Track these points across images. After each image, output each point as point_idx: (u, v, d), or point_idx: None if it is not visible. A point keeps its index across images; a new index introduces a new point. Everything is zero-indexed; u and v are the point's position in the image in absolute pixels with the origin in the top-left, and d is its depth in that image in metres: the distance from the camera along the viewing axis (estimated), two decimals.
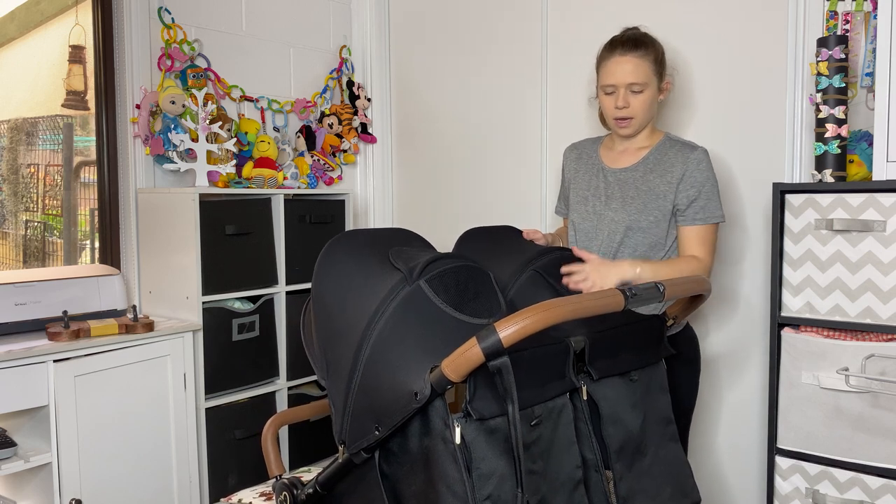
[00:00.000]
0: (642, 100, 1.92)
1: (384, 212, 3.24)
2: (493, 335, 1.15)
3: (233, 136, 2.65)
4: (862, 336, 1.70)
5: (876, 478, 1.67)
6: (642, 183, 1.95)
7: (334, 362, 1.36)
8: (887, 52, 1.72)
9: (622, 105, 1.92)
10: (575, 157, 2.15)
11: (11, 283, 2.13)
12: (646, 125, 1.99)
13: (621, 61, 1.91)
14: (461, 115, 2.97)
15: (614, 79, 1.92)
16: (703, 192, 1.89)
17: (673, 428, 1.69)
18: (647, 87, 1.92)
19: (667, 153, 1.95)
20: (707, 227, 1.90)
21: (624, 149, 2.03)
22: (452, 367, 1.18)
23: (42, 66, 2.61)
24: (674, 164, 1.93)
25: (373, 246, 1.48)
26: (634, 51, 1.92)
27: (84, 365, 2.07)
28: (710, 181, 1.91)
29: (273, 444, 1.82)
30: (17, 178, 2.60)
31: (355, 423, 1.31)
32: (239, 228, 2.50)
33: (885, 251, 1.65)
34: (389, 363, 1.27)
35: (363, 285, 1.37)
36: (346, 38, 3.22)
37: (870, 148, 1.89)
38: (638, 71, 1.90)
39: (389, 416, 1.25)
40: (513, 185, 2.81)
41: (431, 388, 1.20)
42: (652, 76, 1.93)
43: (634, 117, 1.94)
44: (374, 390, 1.28)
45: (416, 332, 1.29)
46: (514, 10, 2.77)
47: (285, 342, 2.67)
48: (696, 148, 1.93)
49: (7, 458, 1.92)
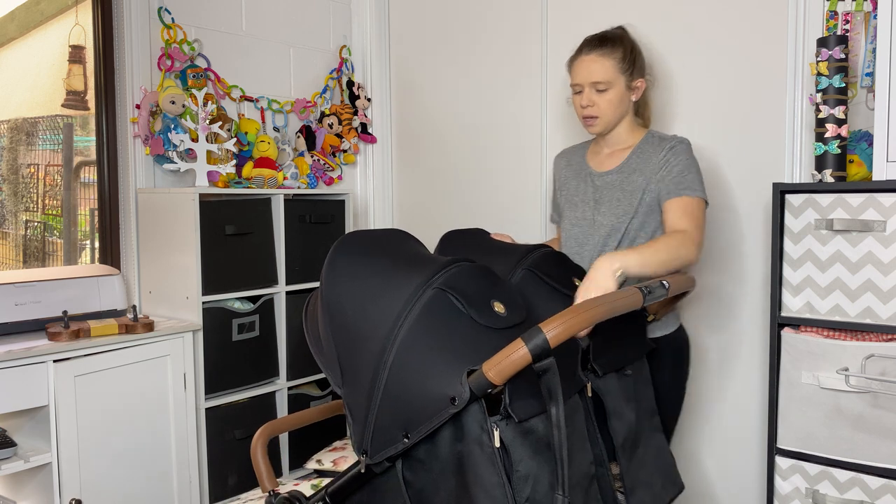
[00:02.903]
0: (608, 98, 1.91)
1: (384, 212, 3.24)
2: (539, 335, 1.15)
3: (233, 136, 2.65)
4: (862, 336, 1.70)
5: (876, 478, 1.67)
6: (627, 184, 1.94)
7: (351, 370, 1.32)
8: (887, 52, 1.72)
9: (586, 104, 1.93)
10: (564, 164, 2.15)
11: (11, 283, 2.13)
12: (615, 124, 1.97)
13: (585, 60, 1.93)
14: (461, 114, 2.97)
15: (579, 77, 1.94)
16: (681, 170, 1.87)
17: (657, 419, 1.74)
18: (611, 86, 1.91)
19: (647, 150, 1.95)
20: (690, 200, 1.84)
21: (610, 151, 2.03)
22: (497, 370, 1.17)
23: (42, 66, 2.61)
24: (651, 157, 1.92)
25: (382, 248, 1.46)
26: (599, 49, 1.91)
27: (84, 365, 2.07)
28: (690, 163, 1.88)
29: (264, 456, 1.72)
30: (17, 178, 2.60)
31: (380, 433, 1.28)
32: (239, 228, 2.50)
33: (885, 251, 1.65)
34: (418, 370, 1.25)
35: (381, 291, 1.33)
36: (346, 38, 3.22)
37: (870, 148, 1.89)
38: (601, 69, 1.90)
39: (420, 423, 1.23)
40: (513, 184, 2.81)
41: (470, 392, 1.18)
42: (617, 74, 1.91)
43: (600, 116, 1.93)
44: (402, 398, 1.25)
45: (442, 336, 1.27)
46: (514, 10, 2.77)
47: (285, 342, 2.67)
48: (675, 137, 1.94)
49: (7, 458, 1.92)
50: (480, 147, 2.92)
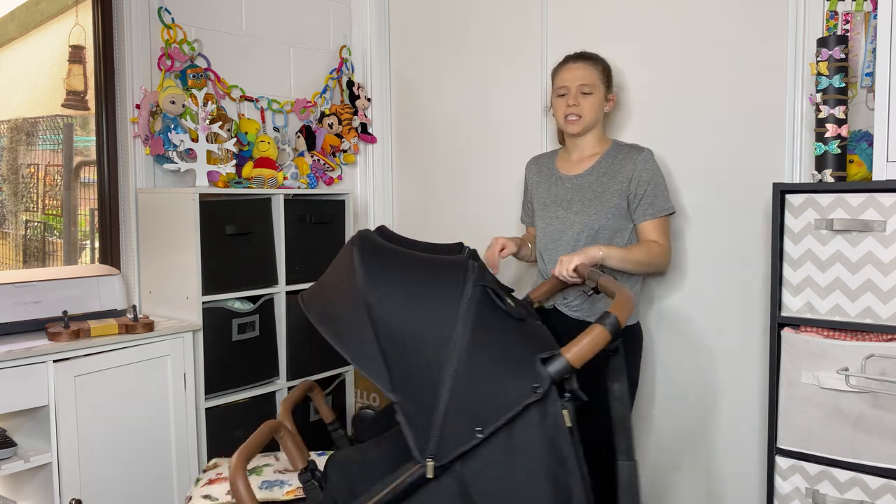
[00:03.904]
0: (591, 101, 2.16)
1: (384, 212, 3.24)
2: (612, 318, 1.32)
3: (233, 136, 2.65)
4: (862, 336, 1.70)
5: (876, 478, 1.67)
6: (597, 186, 2.16)
7: (405, 377, 1.31)
8: (887, 52, 1.72)
9: (573, 103, 2.16)
10: (536, 169, 2.36)
11: (11, 283, 2.13)
12: (593, 126, 2.20)
13: (573, 67, 2.19)
14: (461, 114, 2.97)
15: (567, 80, 2.18)
16: (650, 188, 2.11)
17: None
18: (595, 91, 2.17)
19: (616, 156, 2.17)
20: (661, 220, 2.13)
21: (578, 157, 2.24)
22: (579, 355, 1.30)
23: (42, 66, 2.61)
24: (623, 165, 2.14)
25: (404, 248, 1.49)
26: (584, 60, 2.20)
27: (84, 365, 2.07)
28: (656, 177, 2.13)
29: (246, 486, 1.46)
30: (17, 178, 2.60)
31: (449, 433, 1.30)
32: (239, 228, 2.50)
33: (885, 251, 1.65)
34: (486, 367, 1.31)
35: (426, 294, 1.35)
36: (346, 38, 3.22)
37: (870, 148, 1.89)
38: (587, 74, 2.17)
39: (495, 416, 1.29)
40: (512, 184, 2.81)
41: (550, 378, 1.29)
42: (599, 84, 2.19)
43: (583, 116, 2.16)
44: (473, 395, 1.30)
45: (496, 330, 1.33)
46: (513, 10, 2.77)
47: (285, 342, 2.66)
48: (643, 149, 2.15)
49: (7, 458, 1.92)
50: (480, 147, 2.92)
